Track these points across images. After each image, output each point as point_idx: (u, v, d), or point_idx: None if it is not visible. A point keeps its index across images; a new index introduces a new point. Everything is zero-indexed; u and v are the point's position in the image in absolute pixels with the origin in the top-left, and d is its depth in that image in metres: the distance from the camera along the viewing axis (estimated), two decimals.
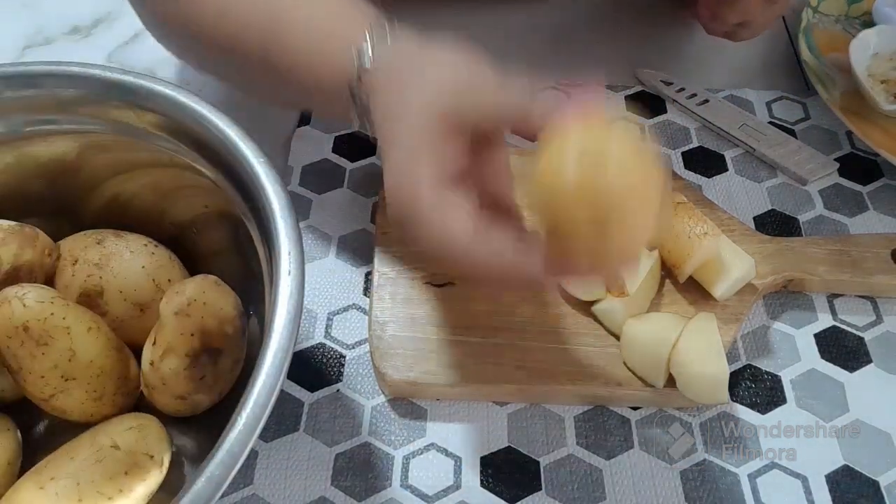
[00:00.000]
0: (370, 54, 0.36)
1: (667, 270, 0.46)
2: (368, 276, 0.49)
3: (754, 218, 0.52)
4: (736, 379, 0.44)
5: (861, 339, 0.46)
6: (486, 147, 0.35)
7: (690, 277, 0.45)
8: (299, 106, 0.37)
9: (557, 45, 0.64)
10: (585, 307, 0.45)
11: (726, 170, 0.55)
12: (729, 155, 0.56)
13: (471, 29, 0.65)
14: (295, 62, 0.40)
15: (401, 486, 0.40)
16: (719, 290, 0.44)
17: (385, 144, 0.34)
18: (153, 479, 0.36)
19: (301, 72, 0.40)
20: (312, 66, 0.39)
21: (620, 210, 0.29)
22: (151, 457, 0.36)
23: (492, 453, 0.42)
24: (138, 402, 0.40)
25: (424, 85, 0.34)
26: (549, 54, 0.63)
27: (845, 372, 0.44)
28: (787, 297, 0.48)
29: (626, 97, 0.60)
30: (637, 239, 0.30)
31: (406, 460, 0.41)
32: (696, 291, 0.45)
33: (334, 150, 0.55)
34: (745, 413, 0.43)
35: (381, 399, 0.44)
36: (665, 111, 0.59)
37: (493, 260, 0.31)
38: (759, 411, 0.43)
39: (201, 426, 0.40)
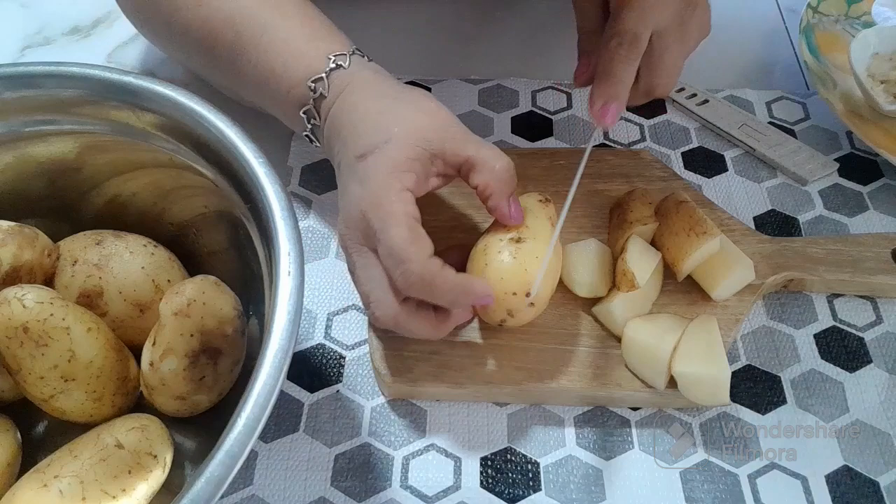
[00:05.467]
0: (346, 65, 0.40)
1: (667, 270, 0.46)
2: None
3: (754, 218, 0.52)
4: (736, 379, 0.44)
5: (861, 339, 0.46)
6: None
7: (691, 278, 0.45)
8: (255, 104, 0.41)
9: (558, 44, 0.64)
10: (585, 307, 0.45)
11: (726, 170, 0.55)
12: (729, 155, 0.56)
13: (472, 27, 0.66)
14: (263, 62, 0.42)
15: (401, 486, 0.40)
16: (719, 290, 0.44)
17: (357, 159, 0.38)
18: (156, 478, 0.36)
19: (269, 71, 0.42)
20: (287, 66, 0.42)
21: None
22: (154, 457, 0.36)
23: (492, 454, 0.42)
24: (138, 403, 0.40)
25: (406, 115, 0.38)
26: (550, 54, 0.63)
27: (845, 372, 0.44)
28: (787, 297, 0.48)
29: None
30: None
31: (406, 461, 0.41)
32: (695, 292, 0.45)
33: None
34: (745, 413, 0.43)
35: (381, 400, 0.44)
36: (665, 111, 0.59)
37: (445, 277, 0.36)
38: (758, 411, 0.43)
39: (201, 426, 0.40)
